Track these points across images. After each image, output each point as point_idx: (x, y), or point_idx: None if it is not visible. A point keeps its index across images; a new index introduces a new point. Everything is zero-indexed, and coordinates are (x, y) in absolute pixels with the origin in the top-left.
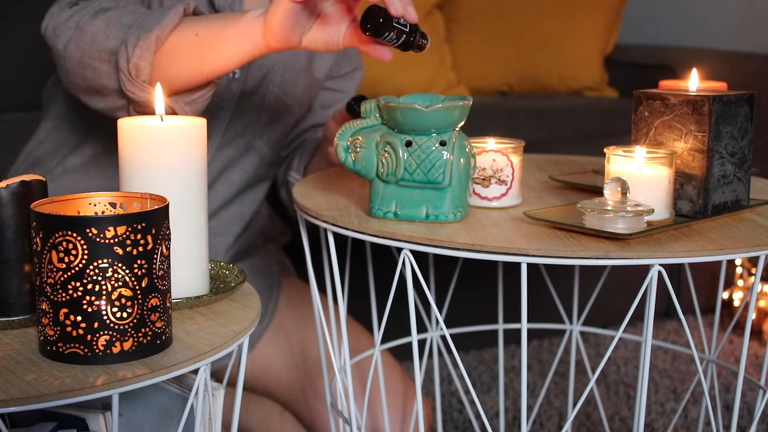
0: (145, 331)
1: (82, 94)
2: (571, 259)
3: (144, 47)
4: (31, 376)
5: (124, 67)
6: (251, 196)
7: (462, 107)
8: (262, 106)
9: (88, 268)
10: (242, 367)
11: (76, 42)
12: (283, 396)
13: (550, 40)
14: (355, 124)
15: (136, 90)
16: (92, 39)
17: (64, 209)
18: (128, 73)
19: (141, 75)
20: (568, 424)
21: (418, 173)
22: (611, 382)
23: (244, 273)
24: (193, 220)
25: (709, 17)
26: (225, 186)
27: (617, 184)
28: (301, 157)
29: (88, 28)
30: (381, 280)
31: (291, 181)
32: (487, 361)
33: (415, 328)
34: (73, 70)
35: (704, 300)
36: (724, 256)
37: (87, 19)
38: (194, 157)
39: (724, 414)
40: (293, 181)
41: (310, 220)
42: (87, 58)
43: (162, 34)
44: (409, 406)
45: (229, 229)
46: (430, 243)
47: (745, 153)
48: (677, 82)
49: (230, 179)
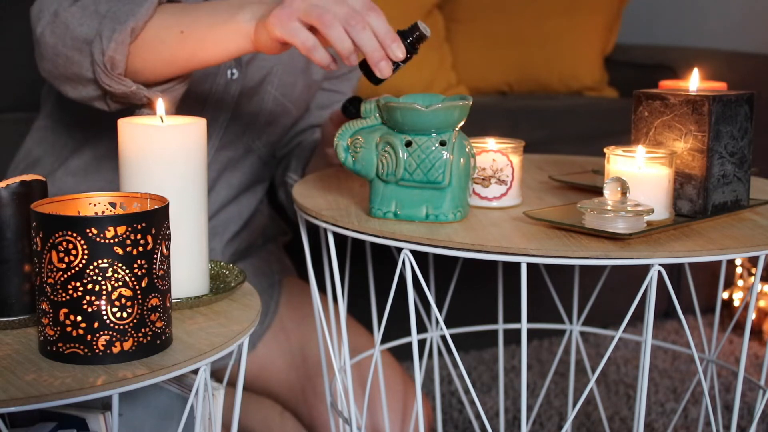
0: (145, 331)
1: (56, 81)
2: (571, 259)
3: (119, 40)
4: (31, 376)
5: (99, 59)
6: (249, 198)
7: (462, 107)
8: (261, 107)
9: (88, 268)
10: (242, 367)
11: (51, 28)
12: (283, 396)
13: (550, 40)
14: (355, 124)
15: (112, 83)
16: (66, 26)
17: (64, 209)
18: (103, 66)
19: (116, 68)
20: (568, 424)
21: (418, 173)
22: (611, 382)
23: (244, 273)
24: (193, 220)
25: (709, 17)
26: (225, 188)
27: (617, 184)
28: (299, 159)
29: (64, 15)
30: (381, 280)
31: (289, 183)
32: (487, 361)
33: (415, 328)
34: (47, 56)
35: (704, 300)
36: (724, 256)
37: (65, 5)
38: (194, 157)
39: (724, 414)
40: (291, 183)
41: (310, 220)
42: (61, 45)
43: (137, 26)
44: (409, 406)
45: (227, 228)
46: (430, 243)
47: (745, 153)
48: (677, 82)
49: (230, 181)
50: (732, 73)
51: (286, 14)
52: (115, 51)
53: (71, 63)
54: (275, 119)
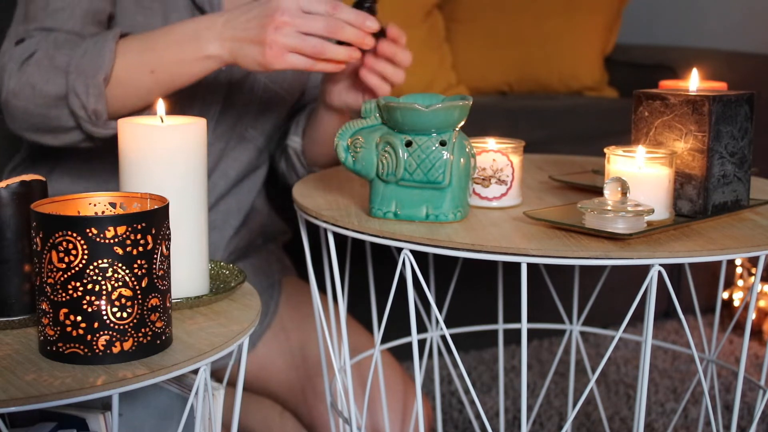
0: (145, 331)
1: (34, 136)
2: (571, 259)
3: (96, 93)
4: (31, 376)
5: (83, 114)
6: (248, 186)
7: (462, 107)
8: (252, 95)
9: (88, 268)
10: (242, 367)
11: (15, 92)
12: (282, 396)
13: (550, 40)
14: (355, 125)
15: (100, 130)
16: (32, 87)
17: (64, 209)
18: (89, 119)
19: (101, 117)
20: (568, 424)
21: (418, 173)
22: (611, 382)
23: (244, 273)
24: (193, 219)
25: (709, 17)
26: (222, 179)
27: (617, 184)
28: (297, 122)
29: (23, 79)
30: (381, 280)
31: (291, 145)
32: (487, 361)
33: (415, 328)
34: (19, 117)
35: (704, 300)
36: (724, 256)
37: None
38: (194, 157)
39: (724, 414)
40: (293, 145)
41: (310, 219)
42: (32, 106)
43: (107, 75)
44: (409, 406)
45: (227, 222)
46: (430, 243)
47: (745, 153)
48: (677, 82)
49: (226, 172)
50: (732, 73)
51: (278, 52)
52: (97, 103)
53: (48, 119)
54: (268, 107)
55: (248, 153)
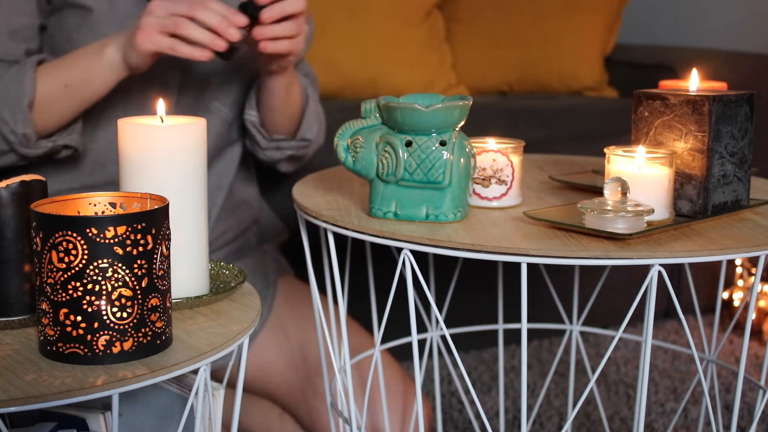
0: (145, 331)
1: None
2: (571, 259)
3: (22, 119)
4: (31, 376)
5: (14, 139)
6: (225, 163)
7: (462, 107)
8: (209, 66)
9: (88, 268)
10: (242, 367)
11: None
12: (282, 396)
13: (550, 40)
14: (355, 125)
15: (32, 151)
16: None
17: (64, 209)
18: (19, 142)
19: (31, 139)
20: (568, 424)
21: (418, 173)
22: (611, 382)
23: (244, 273)
24: (193, 220)
25: (709, 17)
26: None
27: (617, 184)
28: (250, 96)
29: None
30: (381, 280)
31: (248, 119)
32: (487, 361)
33: (415, 328)
34: None
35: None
36: (724, 256)
37: None
38: (194, 157)
39: (724, 414)
40: (250, 118)
41: (310, 220)
42: None
43: (31, 100)
44: (409, 406)
45: (211, 201)
46: (430, 243)
47: (745, 153)
48: (677, 82)
49: None
50: (732, 73)
51: (146, 32)
52: (25, 128)
53: None
54: (228, 78)
55: (216, 126)
